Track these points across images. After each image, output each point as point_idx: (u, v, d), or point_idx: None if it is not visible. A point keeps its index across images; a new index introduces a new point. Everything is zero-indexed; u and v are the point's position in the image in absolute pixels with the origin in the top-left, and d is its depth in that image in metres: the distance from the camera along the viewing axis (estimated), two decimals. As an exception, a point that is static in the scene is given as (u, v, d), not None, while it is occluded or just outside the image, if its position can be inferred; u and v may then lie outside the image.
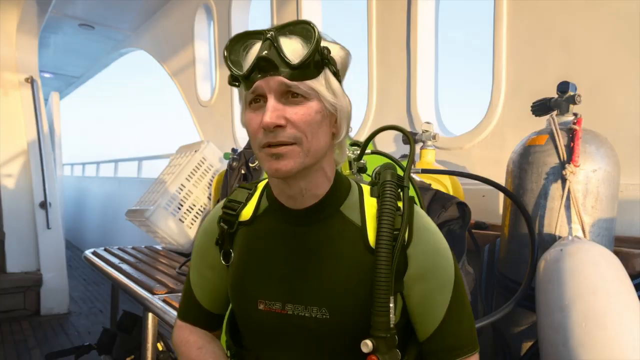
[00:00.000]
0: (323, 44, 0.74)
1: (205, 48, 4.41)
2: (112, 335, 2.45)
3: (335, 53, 0.76)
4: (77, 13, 5.25)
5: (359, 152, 1.06)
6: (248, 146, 2.43)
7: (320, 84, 0.73)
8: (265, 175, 1.69)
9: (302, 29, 0.72)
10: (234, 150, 2.72)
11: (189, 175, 2.87)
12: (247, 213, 0.87)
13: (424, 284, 0.78)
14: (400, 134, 2.20)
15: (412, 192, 1.02)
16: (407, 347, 0.82)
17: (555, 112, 1.40)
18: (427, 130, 1.91)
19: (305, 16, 3.16)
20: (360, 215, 0.81)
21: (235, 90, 3.76)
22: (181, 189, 2.82)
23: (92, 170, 8.95)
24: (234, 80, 0.77)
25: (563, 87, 1.38)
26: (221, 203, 0.92)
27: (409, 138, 0.92)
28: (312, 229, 0.81)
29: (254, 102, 0.73)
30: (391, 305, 0.72)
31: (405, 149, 2.27)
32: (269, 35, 0.71)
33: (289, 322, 0.79)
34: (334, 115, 0.76)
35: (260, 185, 0.91)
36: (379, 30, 2.59)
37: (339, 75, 0.77)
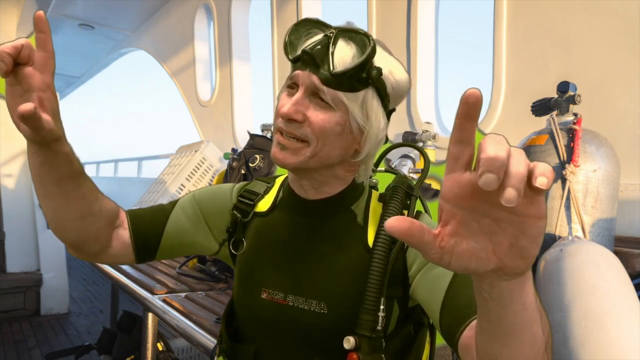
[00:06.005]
0: (383, 62, 0.72)
1: (205, 48, 4.41)
2: (112, 335, 2.46)
3: (392, 76, 0.74)
4: (77, 13, 5.24)
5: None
6: (248, 146, 2.43)
7: (354, 99, 0.71)
8: (278, 170, 1.68)
9: (361, 40, 0.70)
10: (234, 150, 2.72)
11: (189, 175, 2.87)
12: (264, 204, 0.88)
13: (426, 272, 0.73)
14: (398, 136, 2.20)
15: (419, 207, 1.00)
16: None
17: (555, 112, 1.40)
18: (427, 130, 1.92)
19: (305, 16, 3.15)
20: (364, 216, 0.81)
21: (235, 91, 3.75)
22: (181, 189, 2.82)
23: (92, 170, 8.94)
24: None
25: (563, 87, 1.38)
26: (236, 188, 0.92)
27: (423, 154, 0.91)
28: (321, 222, 0.81)
29: (291, 87, 0.75)
30: (382, 307, 0.71)
31: (405, 151, 2.27)
32: (329, 32, 0.71)
33: (288, 313, 0.79)
34: (359, 136, 0.74)
35: (279, 180, 0.92)
36: (379, 30, 2.58)
37: (385, 100, 0.74)
